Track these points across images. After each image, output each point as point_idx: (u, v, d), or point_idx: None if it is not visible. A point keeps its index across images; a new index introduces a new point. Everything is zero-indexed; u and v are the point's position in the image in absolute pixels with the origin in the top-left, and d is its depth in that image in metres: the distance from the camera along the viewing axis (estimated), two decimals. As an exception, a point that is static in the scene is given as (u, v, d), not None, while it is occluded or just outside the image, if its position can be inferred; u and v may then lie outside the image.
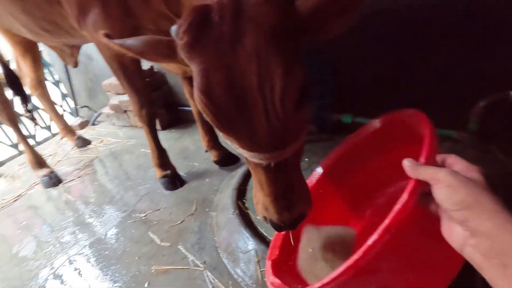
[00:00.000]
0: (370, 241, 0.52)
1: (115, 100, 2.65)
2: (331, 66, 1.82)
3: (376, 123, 0.93)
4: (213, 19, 0.57)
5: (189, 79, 1.63)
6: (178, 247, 1.34)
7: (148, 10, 1.15)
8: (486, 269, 0.41)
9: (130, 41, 0.70)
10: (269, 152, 0.63)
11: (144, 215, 1.60)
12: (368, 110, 1.36)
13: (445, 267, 0.61)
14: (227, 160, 1.84)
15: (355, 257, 0.52)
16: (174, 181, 1.75)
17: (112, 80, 2.60)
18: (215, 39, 0.56)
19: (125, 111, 2.67)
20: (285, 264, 0.89)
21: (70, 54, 1.94)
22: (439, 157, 0.57)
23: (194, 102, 1.71)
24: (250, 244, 1.19)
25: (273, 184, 0.69)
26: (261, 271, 1.11)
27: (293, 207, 0.72)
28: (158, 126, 2.51)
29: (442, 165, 0.56)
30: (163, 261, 1.29)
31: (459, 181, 0.45)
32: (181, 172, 1.84)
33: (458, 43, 1.48)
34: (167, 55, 0.66)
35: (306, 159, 1.63)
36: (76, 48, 1.91)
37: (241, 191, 1.50)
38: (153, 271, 1.25)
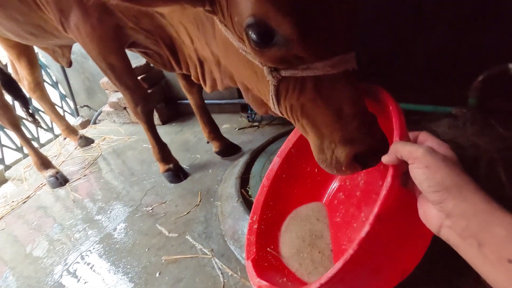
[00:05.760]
0: (363, 232, 0.51)
1: (113, 97, 2.65)
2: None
3: None
4: None
5: (183, 75, 1.61)
6: (186, 237, 1.38)
7: (127, 8, 1.12)
8: (463, 248, 0.41)
9: None
10: (346, 52, 0.58)
11: (150, 208, 1.63)
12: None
13: (419, 243, 0.61)
14: (228, 150, 1.85)
15: (350, 251, 0.51)
16: (177, 174, 1.77)
17: (109, 78, 2.60)
18: None
19: (124, 108, 2.68)
20: (265, 260, 0.84)
21: (62, 55, 1.93)
22: (411, 135, 0.55)
23: (191, 96, 1.72)
24: (255, 230, 1.21)
25: (355, 102, 0.60)
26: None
27: (377, 126, 0.62)
28: (158, 121, 2.53)
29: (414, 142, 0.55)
30: (172, 251, 1.33)
31: (437, 161, 0.44)
32: (184, 164, 1.86)
33: (456, 16, 1.46)
34: None
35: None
36: (67, 48, 1.90)
37: (244, 180, 1.52)
38: (163, 261, 1.29)
